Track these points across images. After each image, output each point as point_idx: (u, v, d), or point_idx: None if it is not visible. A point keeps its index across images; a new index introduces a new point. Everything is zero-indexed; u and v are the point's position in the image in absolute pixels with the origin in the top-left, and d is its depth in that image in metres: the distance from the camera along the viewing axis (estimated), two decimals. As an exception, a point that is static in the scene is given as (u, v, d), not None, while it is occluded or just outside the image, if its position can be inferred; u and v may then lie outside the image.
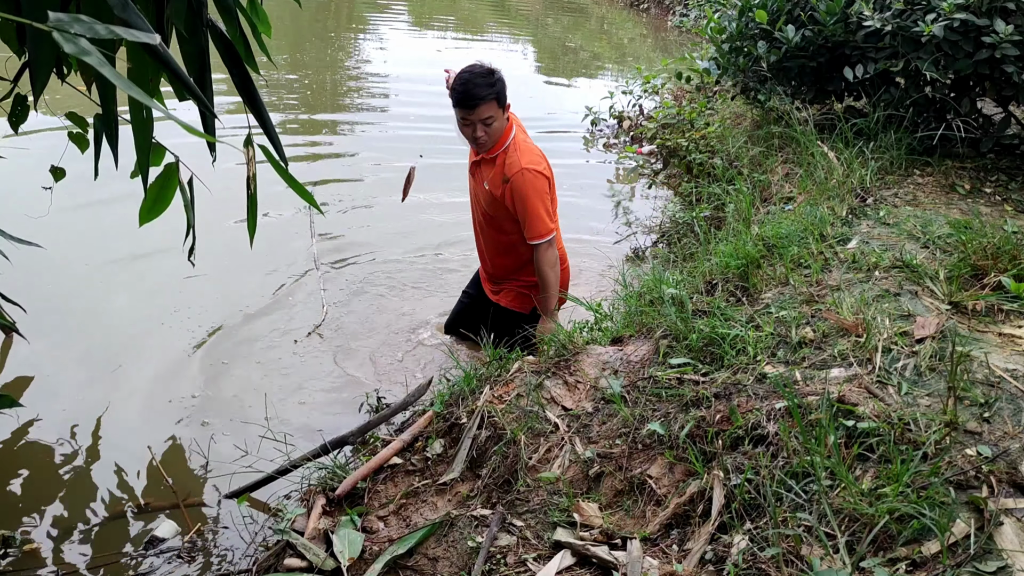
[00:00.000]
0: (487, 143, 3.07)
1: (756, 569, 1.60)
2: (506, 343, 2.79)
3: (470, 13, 17.89)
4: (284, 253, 4.80)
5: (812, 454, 1.74)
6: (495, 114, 2.99)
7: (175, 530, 2.60)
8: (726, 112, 5.98)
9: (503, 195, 3.11)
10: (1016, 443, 1.72)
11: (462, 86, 2.95)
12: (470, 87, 2.93)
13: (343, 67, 10.68)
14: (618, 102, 7.80)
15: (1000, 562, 1.46)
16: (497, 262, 3.42)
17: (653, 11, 18.09)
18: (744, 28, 4.56)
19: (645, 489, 1.97)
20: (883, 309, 2.34)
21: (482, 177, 3.20)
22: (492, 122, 3.00)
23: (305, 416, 3.31)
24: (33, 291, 4.04)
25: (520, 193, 3.05)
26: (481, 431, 2.30)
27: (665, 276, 2.83)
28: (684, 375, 2.24)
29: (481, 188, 3.22)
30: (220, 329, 3.93)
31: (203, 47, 1.88)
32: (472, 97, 2.93)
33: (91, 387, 3.42)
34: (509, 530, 1.92)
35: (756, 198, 4.00)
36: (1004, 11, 3.46)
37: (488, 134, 3.02)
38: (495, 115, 2.99)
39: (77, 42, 1.02)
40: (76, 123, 2.46)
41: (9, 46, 2.01)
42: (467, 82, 2.94)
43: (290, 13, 12.45)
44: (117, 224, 4.95)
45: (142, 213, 2.13)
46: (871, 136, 3.96)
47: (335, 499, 2.24)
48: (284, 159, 1.91)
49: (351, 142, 7.29)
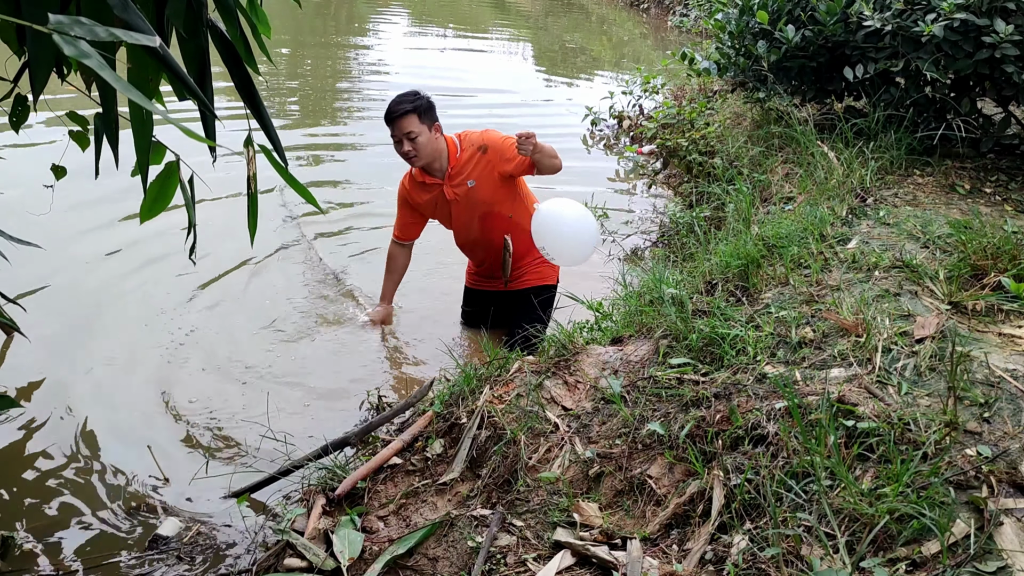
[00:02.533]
0: (417, 158, 3.36)
1: (756, 569, 1.60)
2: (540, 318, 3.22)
3: (470, 13, 17.89)
4: (284, 252, 4.81)
5: (812, 454, 1.75)
6: (416, 129, 3.28)
7: (179, 527, 2.59)
8: (726, 112, 5.98)
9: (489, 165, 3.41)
10: (1016, 443, 1.72)
11: (388, 107, 3.30)
12: (392, 105, 3.28)
13: (343, 68, 10.67)
14: (618, 102, 7.79)
15: (1000, 562, 1.46)
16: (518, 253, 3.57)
17: (653, 11, 18.09)
18: (744, 27, 4.56)
19: (645, 489, 1.97)
20: (883, 309, 2.34)
21: (461, 185, 3.47)
22: (415, 136, 3.29)
23: (305, 416, 3.31)
24: (32, 290, 4.04)
25: (495, 142, 3.41)
26: (481, 431, 2.30)
27: (665, 276, 2.83)
28: (684, 375, 2.24)
29: (467, 193, 3.46)
30: (220, 329, 3.93)
31: (203, 47, 1.88)
32: (391, 112, 3.27)
33: (90, 387, 3.42)
34: (509, 530, 1.93)
35: (756, 198, 4.00)
36: (1004, 11, 3.46)
37: (415, 148, 3.31)
38: (416, 130, 3.28)
39: (77, 44, 1.02)
40: (76, 122, 2.46)
41: (9, 46, 2.01)
42: (392, 102, 3.30)
43: (289, 12, 12.44)
44: (117, 223, 4.97)
45: (143, 211, 2.13)
46: (871, 136, 3.96)
47: (335, 499, 2.24)
48: (284, 159, 1.91)
49: (351, 143, 7.29)
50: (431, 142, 3.35)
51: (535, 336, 2.94)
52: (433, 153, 3.38)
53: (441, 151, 3.42)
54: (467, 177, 3.44)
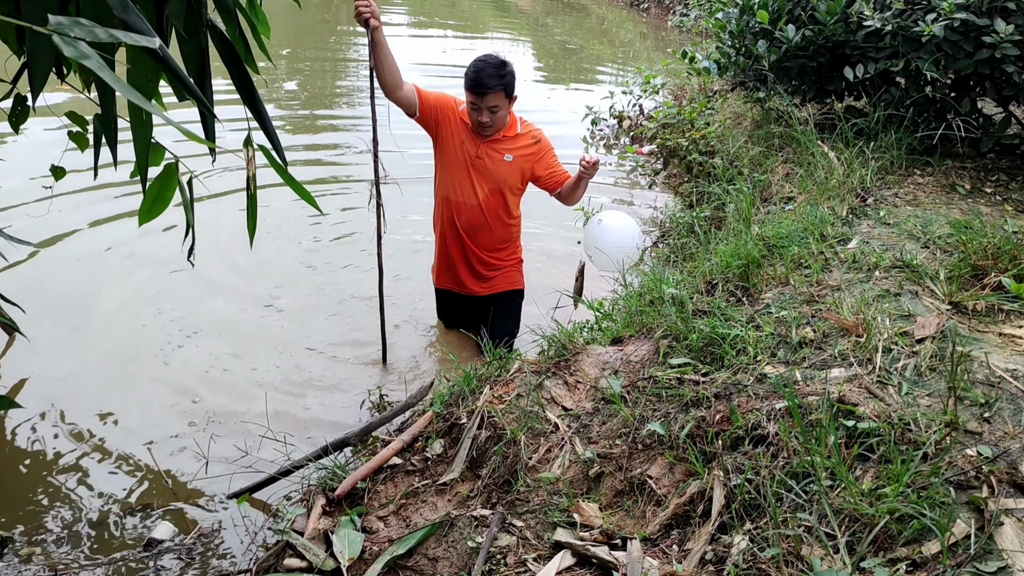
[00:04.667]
0: (491, 129, 3.31)
1: (756, 569, 1.60)
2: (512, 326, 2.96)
3: (470, 13, 17.89)
4: (284, 253, 4.80)
5: (812, 454, 1.74)
6: (501, 104, 3.23)
7: (172, 531, 2.59)
8: (726, 112, 5.98)
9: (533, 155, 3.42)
10: (1016, 443, 1.72)
11: (475, 73, 3.17)
12: (482, 76, 3.16)
13: (343, 67, 10.67)
14: (618, 102, 7.79)
15: (1000, 562, 1.46)
16: (493, 248, 3.57)
17: (653, 11, 18.09)
18: (745, 27, 4.56)
19: (645, 489, 1.97)
20: (883, 309, 2.34)
21: (497, 153, 3.39)
22: (498, 110, 3.24)
23: (305, 416, 3.31)
24: (32, 291, 4.04)
25: (548, 144, 3.48)
26: (481, 431, 2.30)
27: (665, 276, 2.83)
28: (684, 375, 2.24)
29: (497, 162, 3.39)
30: (220, 329, 3.93)
31: (203, 47, 1.88)
32: (482, 85, 3.16)
33: (90, 387, 3.42)
34: (509, 530, 1.92)
35: (756, 198, 4.00)
36: (1004, 11, 3.46)
37: (493, 121, 3.27)
38: (501, 104, 3.23)
39: (76, 45, 1.02)
40: (76, 122, 2.46)
41: (9, 46, 2.01)
42: (480, 71, 3.17)
43: (289, 11, 12.44)
44: (117, 223, 4.97)
45: (142, 213, 2.13)
46: (871, 136, 3.96)
47: (335, 499, 2.24)
48: (284, 159, 1.91)
49: (350, 141, 7.29)
50: (506, 116, 3.33)
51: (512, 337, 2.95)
52: (502, 125, 3.35)
53: (506, 122, 3.38)
54: (508, 151, 3.39)
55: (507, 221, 3.52)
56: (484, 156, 3.38)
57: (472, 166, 3.39)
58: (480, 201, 3.42)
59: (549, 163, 3.44)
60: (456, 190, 3.43)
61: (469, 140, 3.38)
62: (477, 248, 3.52)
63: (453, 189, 3.44)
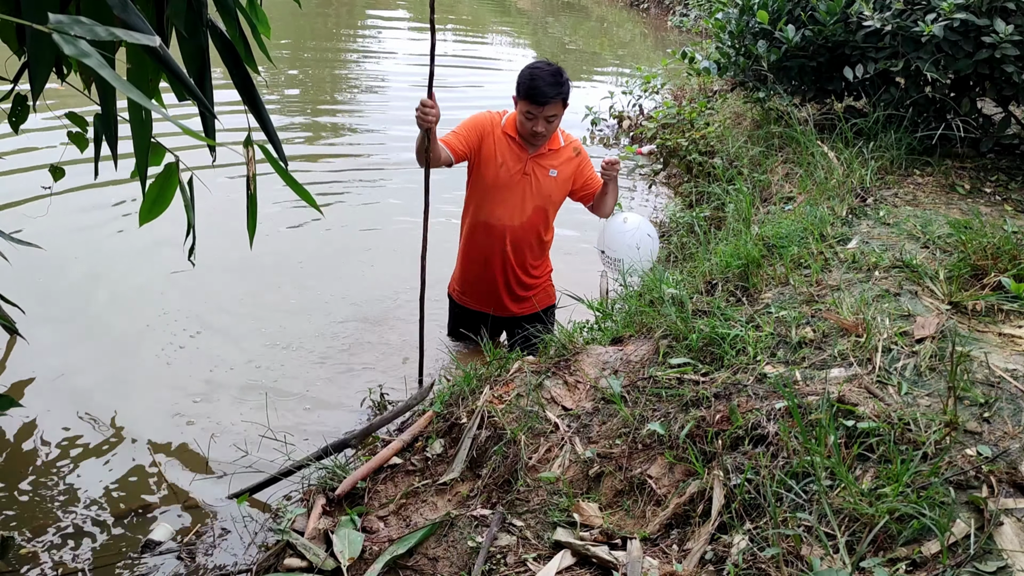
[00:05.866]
0: (544, 139, 3.20)
1: (756, 569, 1.60)
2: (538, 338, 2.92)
3: (471, 13, 17.89)
4: (286, 253, 4.80)
5: (812, 454, 1.74)
6: (559, 114, 3.13)
7: (170, 533, 2.59)
8: (726, 112, 5.98)
9: (575, 168, 3.33)
10: (1016, 443, 1.72)
11: (532, 81, 3.02)
12: (541, 85, 3.01)
13: (343, 68, 10.67)
14: (618, 102, 7.79)
15: (1000, 562, 1.46)
16: (531, 266, 3.44)
17: (653, 11, 18.09)
18: (745, 27, 4.56)
19: (645, 489, 1.97)
20: (883, 309, 2.34)
21: (544, 168, 3.27)
22: (554, 120, 3.13)
23: (306, 416, 3.31)
24: (32, 292, 4.04)
25: (587, 156, 3.41)
26: (481, 431, 2.30)
27: (665, 276, 2.83)
28: (684, 375, 2.24)
29: (543, 177, 3.27)
30: (220, 330, 3.93)
31: (203, 47, 1.88)
32: (542, 94, 3.02)
33: (91, 387, 3.42)
34: (509, 530, 1.92)
35: (756, 198, 4.00)
36: (1004, 11, 3.46)
37: (547, 131, 3.16)
38: (558, 114, 3.13)
39: (77, 44, 1.02)
40: (76, 123, 2.46)
41: (9, 46, 2.01)
42: (538, 78, 3.02)
43: (290, 12, 12.44)
44: (117, 224, 4.97)
45: (142, 213, 2.13)
46: (871, 136, 3.96)
47: (335, 499, 2.24)
48: (284, 159, 1.91)
49: (349, 142, 7.29)
50: (558, 126, 3.24)
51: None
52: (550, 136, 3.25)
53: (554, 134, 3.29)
54: (552, 166, 3.28)
55: (544, 238, 3.42)
56: (531, 173, 3.24)
57: (519, 185, 3.24)
58: (524, 221, 3.28)
59: (587, 174, 3.36)
60: (499, 213, 3.26)
61: (512, 157, 3.23)
62: (520, 270, 3.40)
63: (494, 213, 3.26)
